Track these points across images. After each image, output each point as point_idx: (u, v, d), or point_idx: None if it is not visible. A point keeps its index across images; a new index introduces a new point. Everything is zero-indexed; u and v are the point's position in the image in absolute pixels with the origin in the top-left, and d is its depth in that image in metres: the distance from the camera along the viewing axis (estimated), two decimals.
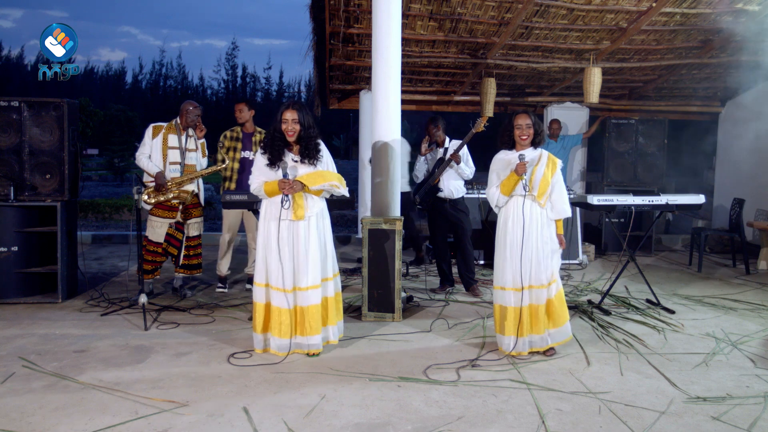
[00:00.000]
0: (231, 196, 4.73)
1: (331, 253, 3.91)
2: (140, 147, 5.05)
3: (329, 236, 3.92)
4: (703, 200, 5.15)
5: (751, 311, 5.07)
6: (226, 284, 5.54)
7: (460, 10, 6.49)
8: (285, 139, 3.75)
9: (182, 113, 5.09)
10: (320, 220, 3.84)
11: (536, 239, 3.80)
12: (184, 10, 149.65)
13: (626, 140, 8.36)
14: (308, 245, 3.72)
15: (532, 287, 3.80)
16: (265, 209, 3.81)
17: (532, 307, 3.81)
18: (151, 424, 2.84)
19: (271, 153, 3.74)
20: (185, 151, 5.08)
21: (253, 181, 3.82)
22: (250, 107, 5.47)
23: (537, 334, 3.82)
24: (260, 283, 3.80)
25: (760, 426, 2.92)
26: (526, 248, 3.78)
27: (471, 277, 5.53)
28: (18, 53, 52.18)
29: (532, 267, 3.79)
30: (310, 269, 3.71)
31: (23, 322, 4.47)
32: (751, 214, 7.65)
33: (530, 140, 3.88)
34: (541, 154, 3.90)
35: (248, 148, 5.44)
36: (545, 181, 3.81)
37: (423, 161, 5.59)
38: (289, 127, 3.70)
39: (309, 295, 3.73)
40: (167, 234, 5.13)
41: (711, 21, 6.65)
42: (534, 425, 2.90)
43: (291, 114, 3.70)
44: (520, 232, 3.80)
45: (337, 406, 3.07)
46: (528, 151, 3.90)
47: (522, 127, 3.86)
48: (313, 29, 7.03)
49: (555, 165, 3.88)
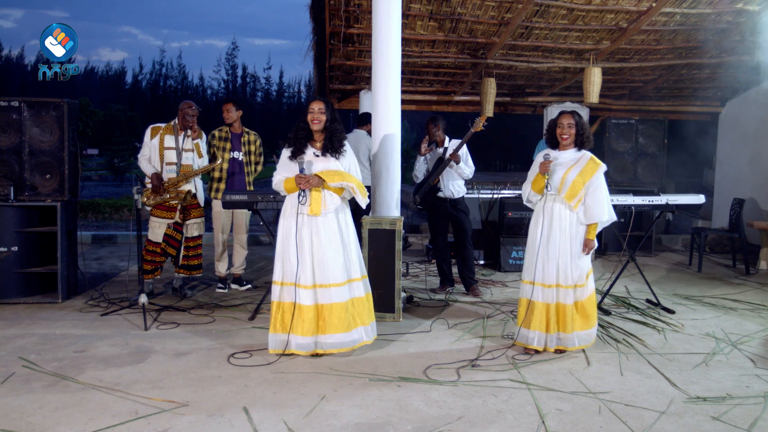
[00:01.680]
0: (231, 196, 4.73)
1: (356, 253, 3.85)
2: (141, 149, 5.09)
3: (353, 237, 3.86)
4: (703, 200, 5.15)
5: (751, 311, 5.07)
6: (225, 284, 5.53)
7: (460, 10, 6.49)
8: (309, 130, 3.76)
9: (180, 113, 5.08)
10: (341, 218, 3.79)
11: (563, 240, 3.79)
12: (184, 10, 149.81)
13: (626, 140, 8.36)
14: (327, 242, 3.70)
15: (560, 286, 3.81)
16: (285, 206, 3.82)
17: (560, 305, 3.82)
18: (151, 424, 2.84)
19: (294, 145, 3.76)
20: (182, 152, 5.07)
21: (275, 176, 3.82)
22: (238, 107, 5.45)
23: (565, 333, 3.82)
24: (277, 281, 3.77)
25: (760, 426, 2.92)
26: (552, 247, 3.80)
27: (471, 277, 5.53)
28: (18, 53, 52.21)
29: (559, 266, 3.80)
30: (330, 266, 3.69)
31: (23, 322, 4.47)
32: (751, 214, 7.65)
33: (572, 140, 3.87)
34: (581, 157, 3.86)
35: (237, 149, 5.42)
36: (576, 185, 3.76)
37: (422, 161, 5.59)
38: (315, 117, 3.72)
39: (331, 293, 3.68)
40: (165, 234, 5.13)
41: (711, 21, 6.65)
42: (534, 425, 2.90)
43: (317, 104, 3.74)
44: (546, 230, 3.82)
45: (337, 406, 3.07)
46: (571, 152, 3.88)
47: (563, 126, 3.85)
48: (313, 29, 7.04)
49: (594, 169, 3.80)
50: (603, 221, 3.83)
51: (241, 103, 5.65)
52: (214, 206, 5.44)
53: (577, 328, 3.82)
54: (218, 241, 5.48)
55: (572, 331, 3.81)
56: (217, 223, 5.46)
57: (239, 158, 5.40)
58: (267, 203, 4.69)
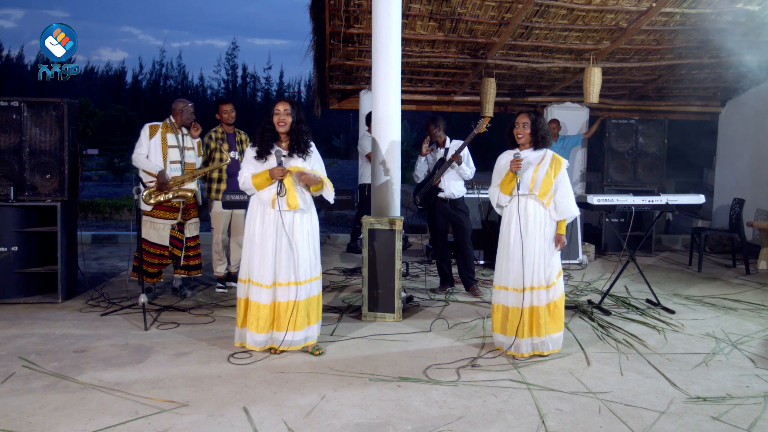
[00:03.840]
0: (231, 196, 4.74)
1: (317, 253, 3.91)
2: (137, 147, 4.99)
3: (317, 236, 3.92)
4: (703, 200, 5.15)
5: (751, 311, 5.07)
6: (225, 284, 5.54)
7: (460, 10, 6.49)
8: (275, 131, 3.76)
9: (176, 112, 5.06)
10: (309, 219, 3.83)
11: (537, 239, 3.80)
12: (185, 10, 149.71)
13: (626, 140, 8.36)
14: (298, 240, 3.72)
15: (533, 288, 3.79)
16: (252, 204, 3.82)
17: (534, 308, 3.80)
18: (151, 424, 2.84)
19: (260, 145, 3.76)
20: (184, 150, 5.08)
21: (241, 174, 3.82)
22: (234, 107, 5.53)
23: (539, 337, 3.81)
24: (243, 278, 3.79)
25: (760, 426, 2.92)
26: (527, 248, 3.78)
27: (471, 277, 5.53)
28: (18, 53, 52.20)
29: (534, 268, 3.78)
30: (301, 263, 3.73)
31: (23, 322, 4.47)
32: (751, 214, 7.65)
33: (527, 140, 3.88)
34: (545, 154, 3.89)
35: (234, 149, 5.47)
36: (548, 181, 3.80)
37: (423, 161, 5.59)
38: (280, 119, 3.71)
39: (298, 290, 3.72)
40: (170, 236, 5.12)
41: (711, 21, 6.65)
42: (534, 425, 2.90)
43: (283, 106, 3.74)
44: (522, 232, 3.79)
45: (337, 406, 3.07)
46: (529, 151, 3.89)
47: (518, 125, 3.87)
48: (313, 29, 7.04)
49: (559, 165, 3.86)
50: (575, 215, 3.90)
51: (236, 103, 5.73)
52: (214, 207, 5.44)
53: (550, 331, 3.82)
54: (217, 242, 5.49)
55: (545, 335, 3.80)
56: (217, 224, 5.46)
57: (236, 158, 5.44)
58: None
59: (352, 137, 29.84)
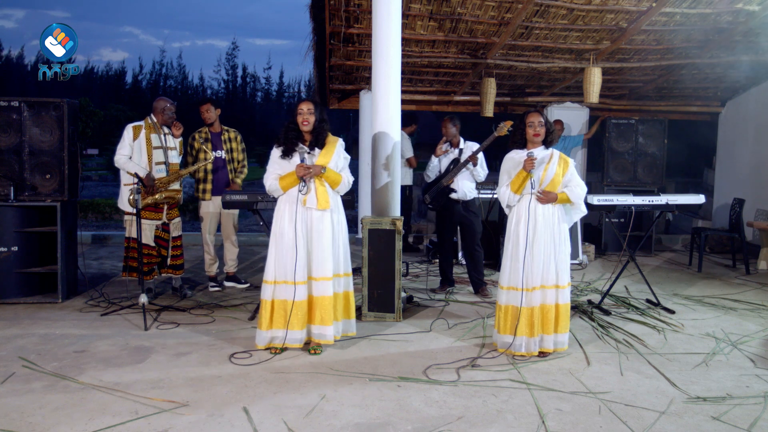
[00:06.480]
0: (231, 196, 4.73)
1: (345, 249, 3.98)
2: (119, 149, 4.91)
3: (345, 233, 3.99)
4: (703, 200, 5.15)
5: (751, 311, 5.07)
6: (218, 283, 5.55)
7: (460, 10, 6.49)
8: (299, 130, 3.83)
9: (158, 111, 5.02)
10: (335, 215, 3.90)
11: (547, 238, 3.80)
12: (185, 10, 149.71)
13: (626, 140, 8.35)
14: (323, 236, 3.78)
15: (544, 287, 3.80)
16: (280, 204, 3.86)
17: (543, 307, 3.81)
18: (151, 424, 2.84)
19: (285, 144, 3.83)
20: (167, 150, 5.06)
21: (267, 177, 3.86)
22: (216, 106, 5.53)
23: (548, 335, 3.81)
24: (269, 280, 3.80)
25: (760, 426, 2.92)
26: (536, 247, 3.78)
27: (480, 279, 5.50)
28: (18, 53, 52.24)
29: (543, 266, 3.78)
30: (325, 259, 3.78)
31: (23, 322, 4.47)
32: (751, 214, 7.65)
33: (542, 138, 3.89)
34: (552, 153, 3.90)
35: (219, 148, 5.48)
36: (557, 180, 3.82)
37: (437, 162, 5.58)
38: (304, 118, 3.78)
39: (323, 286, 3.77)
40: (155, 236, 5.11)
41: (711, 21, 6.64)
42: (534, 425, 2.90)
43: (306, 105, 3.81)
44: (531, 231, 3.79)
45: (337, 406, 3.07)
46: (539, 150, 3.89)
47: (534, 125, 3.86)
48: (313, 29, 7.03)
49: (567, 164, 3.90)
50: (584, 212, 4.00)
51: (218, 103, 5.73)
52: (203, 207, 5.46)
53: (557, 330, 3.83)
54: (207, 242, 5.50)
55: (552, 333, 3.81)
56: (205, 224, 5.48)
57: (222, 156, 5.47)
58: (267, 203, 4.69)
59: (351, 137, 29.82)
